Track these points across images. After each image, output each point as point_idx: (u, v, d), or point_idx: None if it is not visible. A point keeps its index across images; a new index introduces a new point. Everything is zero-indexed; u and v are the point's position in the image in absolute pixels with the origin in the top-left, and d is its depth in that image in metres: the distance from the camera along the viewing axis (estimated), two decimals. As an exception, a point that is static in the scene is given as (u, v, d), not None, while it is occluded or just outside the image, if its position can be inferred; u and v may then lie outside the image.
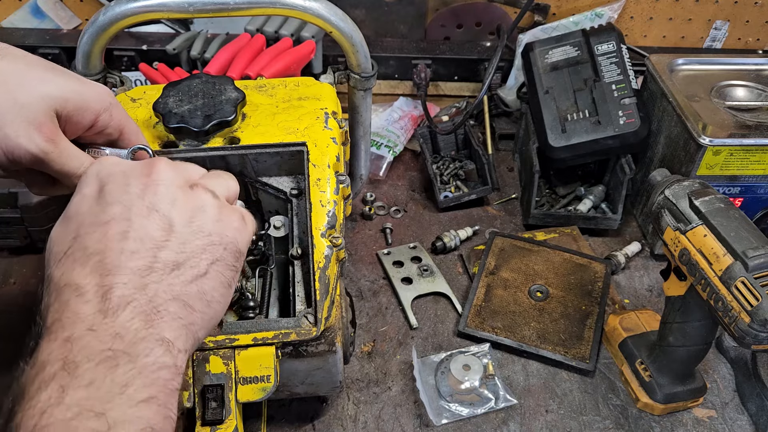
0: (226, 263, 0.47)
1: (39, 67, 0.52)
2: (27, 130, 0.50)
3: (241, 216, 0.50)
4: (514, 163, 1.21)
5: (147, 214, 0.45)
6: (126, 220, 0.44)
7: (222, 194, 0.51)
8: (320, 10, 0.76)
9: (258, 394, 0.60)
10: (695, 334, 0.74)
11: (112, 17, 0.74)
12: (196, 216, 0.46)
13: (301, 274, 0.65)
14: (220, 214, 0.48)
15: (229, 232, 0.48)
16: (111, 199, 0.45)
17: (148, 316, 0.41)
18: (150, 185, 0.46)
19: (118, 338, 0.40)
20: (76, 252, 0.43)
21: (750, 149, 0.89)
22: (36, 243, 0.94)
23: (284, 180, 0.71)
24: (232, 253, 0.48)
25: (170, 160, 0.50)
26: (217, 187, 0.50)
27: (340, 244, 0.65)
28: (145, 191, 0.46)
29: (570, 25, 1.21)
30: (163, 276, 0.43)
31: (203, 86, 0.71)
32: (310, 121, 0.72)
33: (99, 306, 0.40)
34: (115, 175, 0.47)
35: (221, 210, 0.48)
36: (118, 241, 0.43)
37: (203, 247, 0.46)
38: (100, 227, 0.43)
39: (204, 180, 0.51)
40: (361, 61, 0.83)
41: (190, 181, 0.49)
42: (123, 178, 0.46)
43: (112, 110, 0.55)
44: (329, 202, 0.66)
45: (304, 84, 0.79)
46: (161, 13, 0.74)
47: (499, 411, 0.80)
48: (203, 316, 0.45)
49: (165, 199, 0.46)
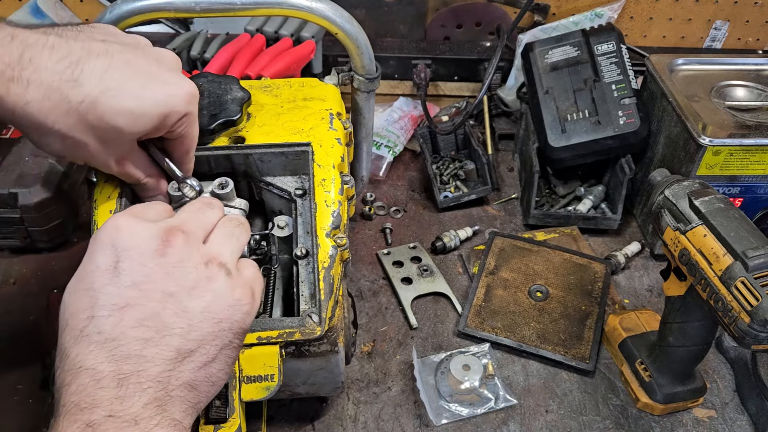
0: (232, 346, 0.48)
1: (139, 78, 0.53)
2: (107, 159, 0.56)
3: (251, 292, 0.50)
4: (514, 163, 1.21)
5: (161, 299, 0.45)
6: (141, 306, 0.44)
7: (234, 260, 0.51)
8: (326, 12, 0.76)
9: (262, 393, 0.60)
10: (695, 334, 0.74)
11: (119, 15, 0.74)
12: (210, 302, 0.47)
13: (305, 273, 0.65)
14: (233, 298, 0.48)
15: (239, 317, 0.48)
16: (126, 280, 0.45)
17: (161, 401, 0.43)
18: (165, 267, 0.46)
19: (134, 425, 0.41)
20: (92, 335, 0.43)
21: (750, 149, 0.89)
22: (36, 243, 0.94)
23: (288, 180, 0.71)
24: (239, 335, 0.49)
25: (184, 226, 0.49)
26: (230, 254, 0.50)
27: (345, 245, 0.65)
28: (159, 273, 0.46)
29: (570, 25, 1.21)
30: (176, 364, 0.44)
31: (209, 85, 0.71)
32: (315, 121, 0.72)
33: (116, 392, 0.42)
34: (130, 250, 0.46)
35: (233, 292, 0.48)
36: (133, 327, 0.44)
37: (214, 334, 0.47)
38: (116, 312, 0.44)
39: (217, 248, 0.50)
40: (366, 63, 0.83)
41: (204, 256, 0.48)
42: (138, 256, 0.46)
43: (185, 121, 0.57)
44: (334, 203, 0.66)
45: (309, 85, 0.79)
46: (168, 12, 0.74)
47: (499, 411, 0.80)
48: (207, 394, 0.47)
49: (180, 283, 0.46)
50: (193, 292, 0.46)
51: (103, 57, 0.52)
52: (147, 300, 0.45)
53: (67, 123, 0.51)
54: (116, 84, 0.51)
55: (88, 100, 0.50)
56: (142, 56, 0.55)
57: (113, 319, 0.44)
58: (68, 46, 0.51)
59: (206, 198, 0.57)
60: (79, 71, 0.50)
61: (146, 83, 0.53)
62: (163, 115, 0.54)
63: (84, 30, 0.54)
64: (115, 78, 0.51)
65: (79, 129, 0.51)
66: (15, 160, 0.93)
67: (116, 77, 0.52)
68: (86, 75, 0.50)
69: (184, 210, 0.53)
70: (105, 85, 0.51)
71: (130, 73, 0.53)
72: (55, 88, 0.49)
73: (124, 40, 0.55)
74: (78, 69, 0.50)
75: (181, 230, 0.48)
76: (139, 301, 0.44)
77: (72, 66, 0.50)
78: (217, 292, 0.47)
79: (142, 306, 0.44)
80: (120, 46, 0.54)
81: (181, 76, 0.57)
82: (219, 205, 0.55)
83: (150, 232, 0.47)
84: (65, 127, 0.51)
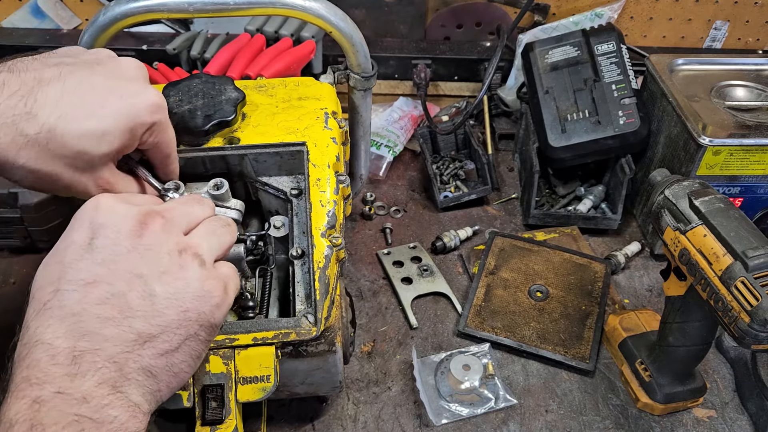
0: (198, 339, 0.47)
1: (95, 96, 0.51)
2: (85, 186, 0.54)
3: (224, 286, 0.49)
4: (514, 163, 1.21)
5: (129, 279, 0.45)
6: (108, 284, 0.44)
7: (212, 256, 0.50)
8: (320, 10, 0.76)
9: (258, 393, 0.60)
10: (695, 334, 0.74)
11: (112, 17, 0.74)
12: (178, 290, 0.46)
13: (301, 274, 0.65)
14: (202, 288, 0.47)
15: (207, 308, 0.47)
16: (97, 257, 0.45)
17: (116, 383, 0.42)
18: (138, 248, 0.46)
19: (84, 403, 0.40)
20: (54, 308, 0.43)
21: (750, 149, 0.89)
22: (36, 243, 0.94)
23: (284, 180, 0.71)
24: (207, 328, 0.48)
25: (166, 213, 0.49)
26: (208, 249, 0.50)
27: (340, 244, 0.65)
28: (131, 253, 0.46)
29: (570, 25, 1.21)
30: (135, 347, 0.44)
31: (203, 86, 0.71)
32: (310, 121, 0.72)
33: (68, 369, 0.41)
34: (107, 228, 0.46)
35: (204, 283, 0.48)
36: (97, 305, 0.43)
37: (179, 322, 0.46)
38: (82, 287, 0.44)
39: (196, 240, 0.50)
40: (361, 61, 0.83)
41: (180, 244, 0.48)
42: (114, 234, 0.46)
43: (154, 129, 0.56)
44: (329, 202, 0.66)
45: (304, 84, 0.79)
46: (161, 13, 0.74)
47: (499, 411, 0.80)
48: (169, 384, 0.46)
49: (151, 266, 0.46)
50: (163, 277, 0.46)
51: (56, 82, 0.50)
52: (115, 279, 0.44)
53: (29, 156, 0.49)
54: (72, 107, 0.50)
55: (44, 129, 0.49)
56: (100, 72, 0.53)
57: (78, 294, 0.43)
58: (19, 80, 0.49)
59: (198, 196, 0.57)
60: (31, 102, 0.48)
61: (105, 100, 0.51)
62: (127, 129, 0.53)
63: (38, 58, 0.52)
64: (71, 101, 0.50)
65: (44, 160, 0.50)
66: (15, 160, 0.93)
67: (71, 100, 0.50)
68: (39, 104, 0.49)
69: (172, 200, 0.54)
70: (60, 111, 0.49)
71: (86, 92, 0.51)
72: (9, 124, 0.48)
73: (82, 58, 0.54)
74: (30, 100, 0.48)
75: (162, 216, 0.48)
76: (106, 279, 0.44)
77: (24, 98, 0.48)
78: (187, 280, 0.47)
79: (109, 284, 0.44)
80: (74, 67, 0.52)
81: (144, 85, 0.56)
82: (210, 204, 0.55)
83: (129, 213, 0.47)
84: (29, 161, 0.49)
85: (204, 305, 0.47)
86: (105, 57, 0.56)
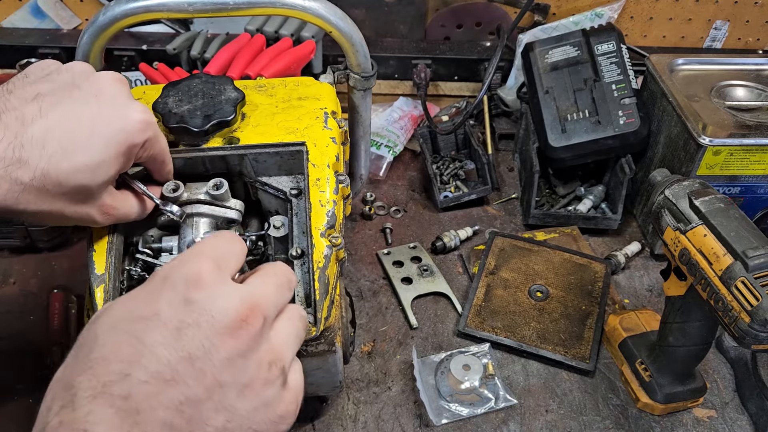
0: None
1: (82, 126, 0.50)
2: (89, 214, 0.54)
3: (296, 405, 0.44)
4: (514, 163, 1.21)
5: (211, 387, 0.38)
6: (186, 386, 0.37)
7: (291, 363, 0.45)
8: (320, 10, 0.76)
9: None
10: (695, 334, 0.74)
11: (112, 17, 0.74)
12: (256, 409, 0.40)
13: (301, 273, 0.65)
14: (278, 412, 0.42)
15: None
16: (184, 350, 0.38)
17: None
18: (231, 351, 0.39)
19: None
20: (116, 396, 0.36)
21: (750, 149, 0.89)
22: (36, 243, 0.94)
23: (284, 180, 0.71)
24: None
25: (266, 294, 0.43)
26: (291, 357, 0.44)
27: (340, 244, 0.65)
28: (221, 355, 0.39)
29: (570, 25, 1.21)
30: None
31: (203, 86, 0.71)
32: (309, 120, 0.72)
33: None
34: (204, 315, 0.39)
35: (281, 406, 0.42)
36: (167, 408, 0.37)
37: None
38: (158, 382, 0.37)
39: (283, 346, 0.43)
40: (361, 61, 0.83)
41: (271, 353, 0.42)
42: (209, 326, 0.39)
43: (147, 146, 0.56)
44: (329, 202, 0.66)
45: (304, 84, 0.79)
46: (161, 13, 0.74)
47: (499, 411, 0.80)
48: None
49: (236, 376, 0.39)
50: (245, 391, 0.40)
51: (39, 120, 0.48)
52: (195, 381, 0.37)
53: (29, 200, 0.49)
54: (60, 145, 0.48)
55: (38, 174, 0.48)
56: (80, 97, 0.51)
57: (150, 389, 0.36)
58: (2, 124, 0.48)
59: (285, 269, 0.48)
60: (19, 148, 0.47)
61: (92, 130, 0.50)
62: (121, 154, 0.52)
63: (14, 90, 0.50)
64: (58, 138, 0.48)
65: (44, 201, 0.49)
66: (15, 160, 0.93)
67: (58, 137, 0.48)
68: (27, 149, 0.47)
69: (264, 274, 0.46)
70: (50, 152, 0.48)
71: (72, 126, 0.49)
72: (3, 175, 0.47)
73: (59, 82, 0.52)
74: (17, 146, 0.47)
75: (262, 312, 0.41)
76: (186, 380, 0.37)
77: (11, 145, 0.47)
78: (268, 401, 0.41)
79: (187, 386, 0.37)
80: (53, 98, 0.50)
81: (128, 102, 0.54)
82: (294, 280, 0.48)
83: (232, 302, 0.40)
84: (30, 205, 0.49)
85: (272, 430, 0.42)
86: (81, 76, 0.53)
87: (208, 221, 0.65)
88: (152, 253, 0.64)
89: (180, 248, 0.63)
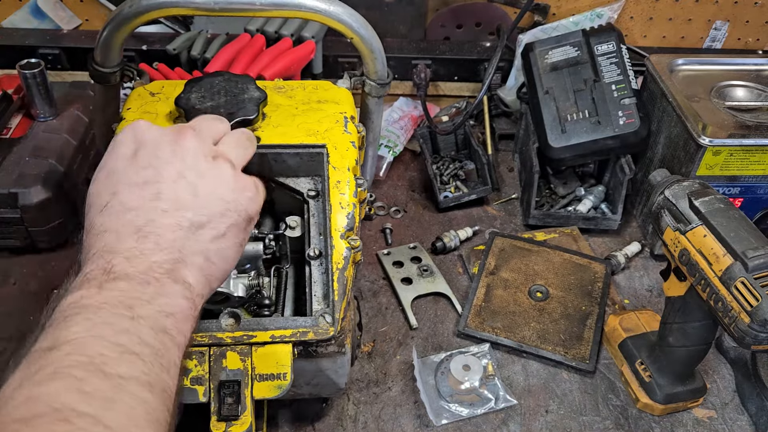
0: (239, 227, 0.53)
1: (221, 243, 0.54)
2: None
3: (255, 185, 0.56)
4: (514, 163, 1.21)
5: (175, 179, 0.50)
6: (157, 183, 0.50)
7: (240, 163, 0.56)
8: (343, 16, 0.76)
9: (274, 391, 0.60)
10: (695, 335, 0.74)
11: (138, 10, 0.73)
12: (217, 185, 0.52)
13: (318, 274, 0.65)
14: (236, 184, 0.54)
15: (243, 201, 0.53)
16: (144, 163, 0.51)
17: (176, 263, 0.48)
18: (178, 153, 0.52)
19: (149, 270, 0.46)
20: (116, 206, 0.49)
21: (750, 149, 0.89)
22: (36, 243, 0.94)
23: (301, 181, 0.71)
24: (245, 218, 0.54)
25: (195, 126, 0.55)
26: (235, 156, 0.56)
27: (358, 246, 0.66)
28: (173, 158, 0.51)
29: (570, 25, 1.21)
30: (189, 233, 0.49)
31: (225, 84, 0.71)
32: (329, 124, 0.73)
33: (136, 244, 0.47)
34: (148, 141, 0.52)
35: (237, 180, 0.54)
36: (152, 200, 0.49)
37: (222, 212, 0.52)
38: (137, 187, 0.49)
39: (225, 148, 0.56)
40: (379, 69, 0.83)
41: (213, 151, 0.54)
42: (154, 144, 0.52)
43: None
44: (349, 205, 0.67)
45: (323, 87, 0.79)
46: (187, 9, 0.74)
47: (499, 411, 0.80)
48: (218, 269, 0.51)
49: (191, 167, 0.52)
50: (203, 175, 0.52)
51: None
52: (162, 178, 0.50)
53: None
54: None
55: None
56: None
57: (134, 194, 0.49)
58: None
59: (216, 116, 0.61)
60: None
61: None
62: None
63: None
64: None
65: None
66: (15, 160, 0.93)
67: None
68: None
69: (195, 119, 0.58)
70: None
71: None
72: None
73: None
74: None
75: (192, 128, 0.54)
76: (155, 179, 0.50)
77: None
78: (223, 178, 0.53)
79: (159, 183, 0.50)
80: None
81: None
82: (227, 121, 0.60)
83: (164, 129, 0.54)
84: None
85: (241, 197, 0.53)
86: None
87: None
88: None
89: None
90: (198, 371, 0.60)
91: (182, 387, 0.59)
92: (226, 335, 0.60)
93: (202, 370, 0.60)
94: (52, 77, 1.23)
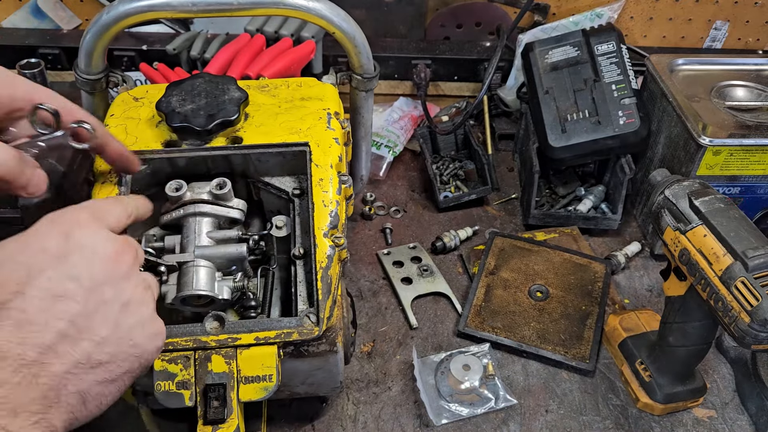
0: (131, 375, 0.48)
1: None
2: None
3: (163, 331, 0.51)
4: (514, 163, 1.21)
5: (97, 303, 0.45)
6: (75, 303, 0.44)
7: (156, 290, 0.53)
8: (323, 11, 0.76)
9: (260, 393, 0.60)
10: (695, 334, 0.74)
11: (116, 16, 0.74)
12: (135, 324, 0.47)
13: (303, 273, 0.65)
14: (154, 328, 0.49)
15: (151, 348, 0.49)
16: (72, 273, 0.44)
17: (49, 402, 0.41)
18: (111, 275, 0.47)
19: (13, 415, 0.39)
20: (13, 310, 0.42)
21: (750, 149, 0.89)
22: (36, 243, 0.94)
23: (286, 180, 0.71)
24: (142, 368, 0.49)
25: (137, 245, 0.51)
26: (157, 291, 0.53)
27: (342, 244, 0.65)
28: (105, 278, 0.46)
29: (570, 25, 1.21)
30: (80, 370, 0.43)
31: (206, 86, 0.71)
32: (312, 121, 0.72)
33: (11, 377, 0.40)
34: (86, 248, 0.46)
35: (155, 324, 0.50)
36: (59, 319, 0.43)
37: (125, 355, 0.46)
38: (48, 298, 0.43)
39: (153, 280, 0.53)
40: (363, 62, 0.83)
41: (146, 282, 0.50)
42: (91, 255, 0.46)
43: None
44: (332, 202, 0.66)
45: (307, 84, 0.79)
46: (165, 12, 0.74)
47: (499, 411, 0.80)
48: (90, 413, 0.45)
49: (118, 295, 0.47)
50: (126, 308, 0.47)
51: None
52: (84, 299, 0.44)
53: None
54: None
55: None
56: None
57: (43, 304, 0.42)
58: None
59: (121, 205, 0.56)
60: None
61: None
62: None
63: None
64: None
65: None
66: (15, 160, 0.93)
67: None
68: None
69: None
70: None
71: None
72: None
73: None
74: None
75: (135, 250, 0.50)
76: (75, 297, 0.44)
77: None
78: (144, 318, 0.48)
79: (76, 303, 0.44)
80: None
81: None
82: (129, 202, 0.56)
83: (109, 238, 0.48)
84: None
85: (150, 344, 0.48)
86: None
87: (211, 220, 0.65)
88: (155, 252, 0.64)
89: (182, 247, 0.63)
90: (183, 375, 0.59)
91: (168, 392, 0.59)
92: (210, 339, 0.60)
93: (187, 374, 0.59)
94: (52, 77, 1.23)
